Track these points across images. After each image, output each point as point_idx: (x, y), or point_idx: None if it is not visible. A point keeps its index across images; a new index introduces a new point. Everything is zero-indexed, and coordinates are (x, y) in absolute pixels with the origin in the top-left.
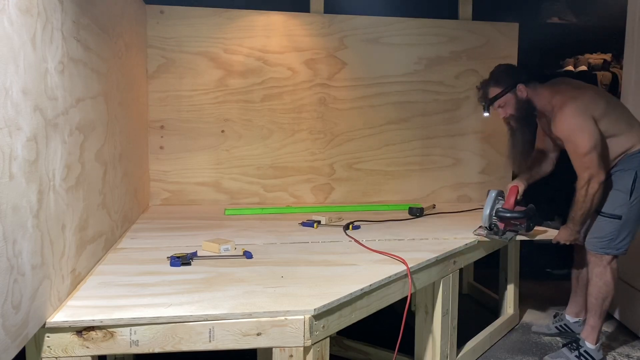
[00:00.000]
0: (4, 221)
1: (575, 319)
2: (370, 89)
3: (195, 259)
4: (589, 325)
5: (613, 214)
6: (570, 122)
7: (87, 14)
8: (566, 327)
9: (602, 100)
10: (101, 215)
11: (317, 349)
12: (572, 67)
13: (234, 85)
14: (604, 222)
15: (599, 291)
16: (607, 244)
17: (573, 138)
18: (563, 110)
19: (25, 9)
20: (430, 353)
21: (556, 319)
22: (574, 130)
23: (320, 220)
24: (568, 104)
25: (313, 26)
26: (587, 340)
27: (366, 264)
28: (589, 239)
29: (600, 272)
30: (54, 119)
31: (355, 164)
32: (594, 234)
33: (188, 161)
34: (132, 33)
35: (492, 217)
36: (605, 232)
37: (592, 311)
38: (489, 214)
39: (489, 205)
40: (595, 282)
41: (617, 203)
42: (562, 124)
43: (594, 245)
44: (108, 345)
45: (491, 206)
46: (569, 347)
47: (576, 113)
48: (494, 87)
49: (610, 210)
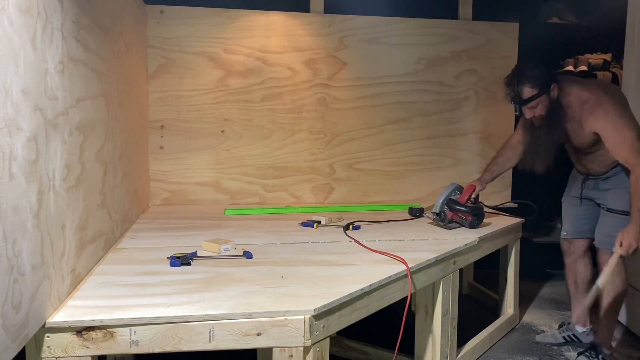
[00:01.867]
0: (4, 221)
1: (583, 328)
2: (370, 89)
3: (195, 259)
4: (606, 329)
5: (627, 211)
6: (612, 112)
7: (87, 14)
8: (574, 337)
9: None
10: (101, 215)
11: (317, 349)
12: (572, 67)
13: (234, 85)
14: (619, 220)
15: (617, 290)
16: None
17: (619, 127)
18: (603, 102)
19: (25, 9)
20: (430, 353)
21: (562, 328)
22: (619, 119)
23: (320, 221)
24: (605, 97)
25: (313, 26)
26: (605, 345)
27: (366, 264)
28: (603, 238)
29: (618, 271)
30: (54, 119)
31: (355, 164)
32: (609, 233)
33: (188, 161)
34: (132, 33)
35: (443, 205)
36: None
37: (610, 313)
38: (442, 201)
39: (444, 194)
40: (614, 281)
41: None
42: (606, 115)
43: (609, 244)
44: (108, 345)
45: (446, 196)
46: (588, 356)
47: (615, 104)
48: (530, 88)
49: (624, 207)
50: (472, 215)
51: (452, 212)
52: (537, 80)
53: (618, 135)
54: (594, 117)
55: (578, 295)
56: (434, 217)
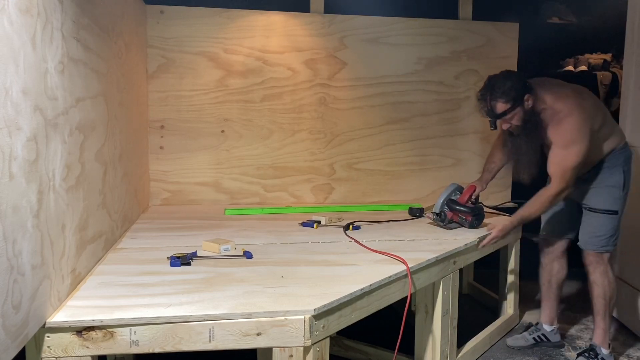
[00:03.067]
0: (4, 221)
1: (551, 327)
2: (370, 89)
3: (195, 259)
4: (601, 329)
5: (611, 210)
6: (574, 132)
7: (87, 14)
8: (544, 337)
9: (600, 112)
10: (101, 215)
11: (317, 349)
12: (572, 67)
13: (234, 85)
14: (603, 219)
15: (605, 291)
16: (607, 241)
17: (570, 148)
18: (570, 118)
19: (25, 9)
20: (430, 353)
21: (531, 329)
22: (575, 141)
23: (320, 221)
24: (575, 114)
25: (313, 26)
26: (603, 346)
27: (366, 264)
28: (587, 239)
29: (604, 271)
30: (54, 119)
31: (355, 164)
32: (593, 233)
33: (188, 161)
34: (132, 33)
35: (444, 205)
36: (605, 229)
37: (601, 314)
38: (442, 201)
39: (444, 194)
40: (601, 281)
41: (612, 198)
42: (566, 132)
43: (594, 244)
44: (108, 345)
45: (446, 196)
46: (587, 356)
47: (582, 125)
48: (502, 103)
49: (607, 206)
50: (472, 216)
51: (452, 212)
52: (509, 94)
53: (563, 151)
54: (557, 127)
55: (550, 295)
56: (434, 217)
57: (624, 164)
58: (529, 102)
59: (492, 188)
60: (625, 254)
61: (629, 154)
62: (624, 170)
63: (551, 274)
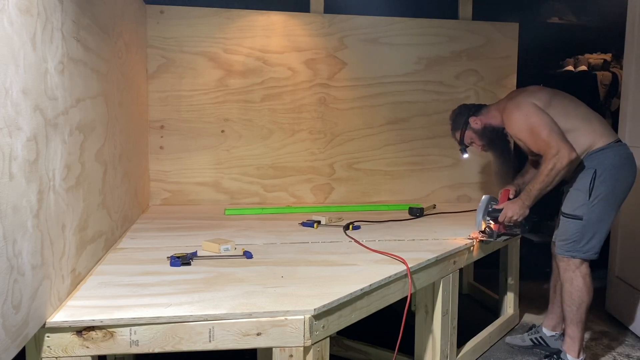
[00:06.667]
0: (4, 221)
1: (551, 332)
2: (370, 89)
3: (195, 259)
4: (567, 336)
5: (574, 215)
6: (516, 116)
7: (87, 14)
8: (542, 340)
9: (543, 92)
10: (101, 215)
11: (317, 349)
12: (572, 67)
13: (234, 85)
14: (566, 223)
15: (571, 297)
16: (572, 246)
17: (527, 126)
18: (506, 112)
19: (25, 9)
20: (430, 353)
21: (532, 330)
22: (524, 120)
23: (320, 220)
24: (508, 105)
25: (313, 26)
26: (569, 353)
27: (366, 264)
28: (557, 243)
29: (570, 277)
30: (54, 119)
31: (355, 164)
32: (559, 236)
33: (188, 161)
34: (132, 33)
35: (486, 220)
36: (569, 234)
37: (568, 320)
38: (481, 217)
39: (481, 209)
40: (566, 288)
41: (577, 203)
42: (511, 123)
43: (560, 248)
44: (108, 345)
45: (484, 210)
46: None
47: (518, 106)
48: (455, 132)
49: (570, 210)
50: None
51: (497, 223)
52: (457, 123)
53: (527, 133)
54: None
55: (555, 300)
56: (481, 235)
57: (597, 165)
58: (477, 123)
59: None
60: (625, 254)
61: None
62: (597, 175)
63: (557, 280)
